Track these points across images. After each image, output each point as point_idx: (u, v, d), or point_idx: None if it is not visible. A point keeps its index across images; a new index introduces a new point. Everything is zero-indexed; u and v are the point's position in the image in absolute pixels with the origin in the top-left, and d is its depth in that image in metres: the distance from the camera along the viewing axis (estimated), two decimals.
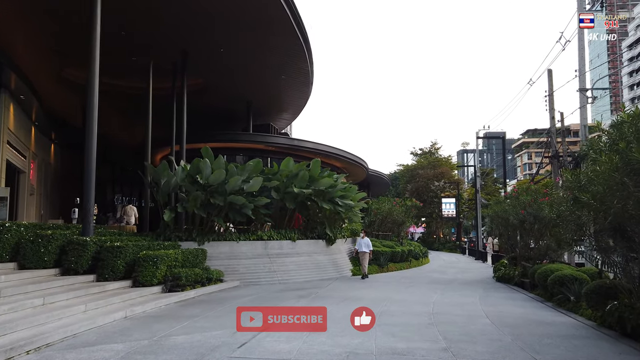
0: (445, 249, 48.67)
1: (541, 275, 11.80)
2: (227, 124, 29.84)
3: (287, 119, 35.82)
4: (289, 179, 17.26)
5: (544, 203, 13.83)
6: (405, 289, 14.76)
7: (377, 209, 25.96)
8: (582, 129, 19.41)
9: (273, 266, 16.11)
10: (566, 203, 8.33)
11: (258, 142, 26.85)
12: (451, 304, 11.44)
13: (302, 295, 12.77)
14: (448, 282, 16.84)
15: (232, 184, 15.15)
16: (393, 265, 21.75)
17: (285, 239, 17.03)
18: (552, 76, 22.66)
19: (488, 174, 65.07)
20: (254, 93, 27.16)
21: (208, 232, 15.73)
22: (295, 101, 30.06)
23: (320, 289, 14.24)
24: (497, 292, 13.87)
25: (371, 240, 22.91)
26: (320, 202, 17.43)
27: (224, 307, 10.66)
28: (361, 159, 34.90)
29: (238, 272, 15.29)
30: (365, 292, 13.53)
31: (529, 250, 15.04)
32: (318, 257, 17.85)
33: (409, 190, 52.79)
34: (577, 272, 10.89)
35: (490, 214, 17.24)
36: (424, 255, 28.51)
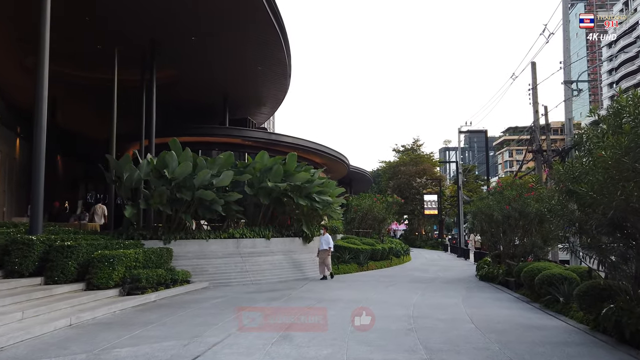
0: (427, 246, 48.23)
1: (527, 274, 11.11)
2: (203, 118, 28.71)
3: (266, 113, 34.80)
4: (263, 173, 16.32)
5: (529, 198, 13.17)
6: (385, 289, 13.97)
7: (357, 205, 25.16)
8: (567, 122, 18.87)
9: (245, 266, 15.17)
10: (558, 196, 7.58)
11: (234, 136, 25.83)
12: (433, 305, 10.66)
13: (274, 297, 11.87)
14: (430, 281, 16.12)
15: (200, 178, 14.15)
16: (373, 263, 20.99)
17: (259, 237, 16.09)
18: (535, 69, 22.11)
19: (470, 170, 64.93)
20: (230, 86, 26.13)
21: (175, 230, 14.71)
22: (274, 94, 29.06)
23: (294, 290, 13.36)
24: (481, 292, 13.17)
25: (351, 238, 22.21)
26: (296, 197, 16.53)
27: (186, 311, 9.71)
28: (342, 154, 34.11)
29: (207, 273, 14.32)
30: (343, 293, 12.70)
31: (514, 247, 14.38)
32: (294, 256, 16.96)
33: (391, 187, 52.18)
34: (566, 271, 10.22)
35: (473, 210, 16.56)
36: (406, 253, 27.84)
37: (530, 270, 11.10)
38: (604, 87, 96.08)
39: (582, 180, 6.77)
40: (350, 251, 19.87)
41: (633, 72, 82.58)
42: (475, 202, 16.83)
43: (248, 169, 16.29)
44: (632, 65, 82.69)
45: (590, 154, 7.08)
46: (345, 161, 35.11)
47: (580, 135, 7.27)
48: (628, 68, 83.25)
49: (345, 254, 19.66)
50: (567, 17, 19.57)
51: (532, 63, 22.37)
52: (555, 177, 7.70)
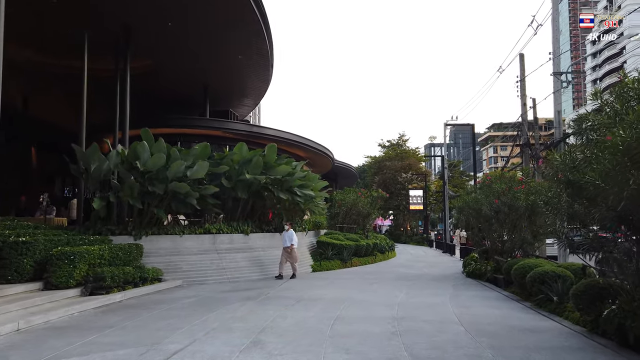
0: (413, 241, 47.85)
1: (518, 271, 10.53)
2: (183, 109, 27.69)
3: (249, 105, 33.88)
4: (241, 165, 15.53)
5: (519, 192, 12.60)
6: (368, 286, 13.32)
7: (341, 200, 24.47)
8: (556, 115, 18.42)
9: (222, 262, 14.38)
10: (556, 187, 6.94)
11: (215, 128, 24.91)
12: (419, 305, 10.03)
13: (250, 296, 11.13)
14: (415, 278, 15.52)
15: (174, 169, 13.32)
16: (357, 260, 20.34)
17: (237, 232, 15.32)
18: (524, 60, 21.63)
19: (455, 165, 64.75)
20: (210, 76, 25.19)
21: (147, 225, 13.86)
22: (256, 85, 28.18)
23: (273, 288, 12.63)
24: (468, 290, 12.58)
25: (335, 234, 21.52)
26: (276, 191, 15.77)
27: (151, 313, 8.92)
28: (327, 148, 33.39)
29: (181, 270, 13.51)
30: (324, 292, 12.01)
31: (502, 243, 13.82)
32: (274, 252, 16.20)
33: (376, 182, 51.65)
34: (559, 269, 9.65)
35: (460, 205, 15.98)
36: (391, 249, 27.25)
37: (521, 268, 10.52)
38: (588, 83, 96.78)
39: (583, 169, 6.15)
40: (333, 247, 19.18)
41: (616, 68, 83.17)
42: (463, 197, 16.25)
43: (225, 160, 15.48)
44: (615, 62, 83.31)
45: (591, 141, 6.47)
46: (329, 155, 34.41)
47: (581, 119, 6.64)
48: (612, 64, 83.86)
49: (328, 250, 18.97)
50: (557, 7, 19.08)
51: (520, 55, 21.88)
52: (551, 167, 7.06)
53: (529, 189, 12.53)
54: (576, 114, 7.14)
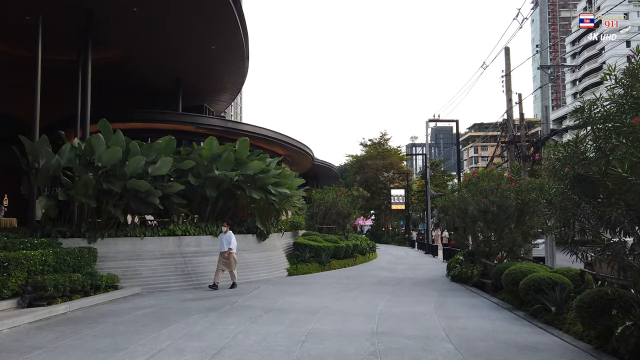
0: (394, 242, 47.05)
1: (510, 277, 9.59)
2: (156, 105, 26.28)
3: (225, 100, 32.58)
4: (210, 161, 14.31)
5: (509, 190, 11.69)
6: (347, 293, 12.26)
7: (319, 199, 23.39)
8: (544, 110, 17.62)
9: (188, 267, 13.16)
10: (562, 184, 5.96)
11: (187, 122, 23.56)
12: (401, 316, 9.00)
13: (214, 306, 9.97)
14: (397, 283, 14.52)
15: (133, 165, 12.06)
16: (336, 262, 19.28)
17: (205, 234, 14.11)
18: (509, 54, 20.83)
19: (437, 165, 64.34)
20: (182, 68, 23.91)
21: (104, 226, 12.57)
22: (232, 79, 26.93)
23: (242, 295, 11.48)
24: (455, 297, 11.62)
25: (313, 235, 20.42)
26: (248, 189, 14.61)
27: (94, 329, 7.70)
28: (306, 146, 32.27)
29: (141, 276, 12.26)
30: (297, 300, 10.91)
31: (490, 245, 12.91)
32: (246, 255, 15.04)
33: (357, 182, 50.74)
34: (556, 275, 8.73)
35: (445, 204, 15.06)
36: (372, 250, 26.29)
37: (513, 274, 9.57)
38: (567, 84, 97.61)
39: (596, 162, 5.17)
40: (310, 249, 18.09)
41: (595, 69, 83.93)
42: (448, 195, 15.32)
43: (193, 155, 14.25)
44: (594, 62, 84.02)
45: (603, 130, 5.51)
46: (309, 153, 33.31)
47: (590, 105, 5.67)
48: (591, 65, 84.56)
49: (305, 252, 17.87)
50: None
51: (505, 48, 21.08)
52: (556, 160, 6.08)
53: (519, 187, 11.64)
54: (574, 106, 6.21)
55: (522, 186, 11.70)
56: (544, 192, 6.42)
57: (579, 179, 5.48)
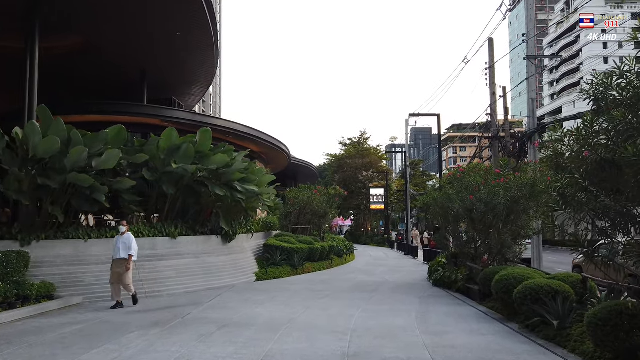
0: (373, 242, 45.98)
1: (501, 284, 8.40)
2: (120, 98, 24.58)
3: (197, 94, 30.99)
4: (168, 154, 12.84)
5: (498, 186, 10.53)
6: (318, 301, 10.94)
7: (293, 197, 22.04)
8: (530, 103, 16.58)
9: (140, 273, 11.65)
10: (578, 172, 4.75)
11: (151, 115, 21.91)
12: (378, 331, 7.72)
13: (162, 319, 8.55)
14: (375, 288, 13.27)
15: (74, 157, 10.53)
16: (310, 265, 17.95)
17: (161, 235, 12.63)
18: (493, 46, 19.83)
19: (417, 164, 63.65)
20: (147, 58, 22.36)
21: (41, 227, 10.99)
22: (202, 69, 25.39)
23: (199, 305, 10.06)
24: (438, 305, 10.40)
25: (286, 236, 19.04)
26: (211, 185, 13.17)
27: (1, 354, 6.22)
28: (282, 142, 30.88)
29: (83, 284, 10.74)
30: (261, 310, 9.54)
31: (476, 246, 11.75)
32: (209, 259, 13.61)
33: (336, 181, 49.54)
34: (555, 282, 7.56)
35: (427, 202, 13.89)
36: (349, 252, 25.07)
37: (505, 280, 8.39)
38: (545, 85, 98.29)
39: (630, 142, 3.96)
40: (282, 251, 16.73)
41: (573, 70, 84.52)
42: (430, 193, 14.14)
43: (148, 148, 12.76)
44: (572, 63, 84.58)
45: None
46: (285, 150, 31.93)
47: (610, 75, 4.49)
48: (569, 66, 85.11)
49: (276, 254, 16.50)
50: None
51: (489, 39, 20.07)
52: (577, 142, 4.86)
53: (508, 183, 10.49)
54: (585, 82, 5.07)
55: (511, 182, 10.56)
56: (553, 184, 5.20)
57: (601, 165, 4.27)
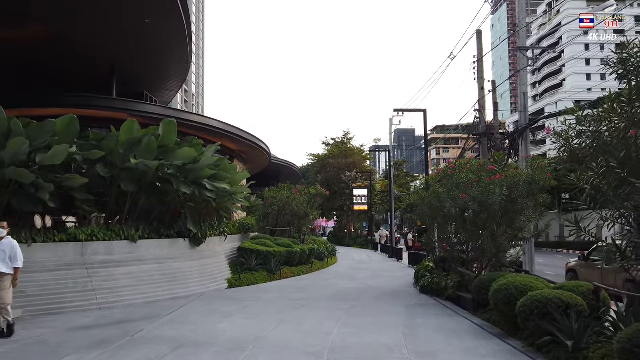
0: (356, 244, 44.92)
1: (501, 295, 7.33)
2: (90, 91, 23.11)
3: (172, 88, 29.60)
4: (128, 148, 11.51)
5: (493, 183, 9.48)
6: (293, 312, 9.76)
7: (272, 197, 20.80)
8: (522, 97, 15.68)
9: (93, 282, 10.33)
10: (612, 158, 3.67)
11: (119, 109, 20.44)
12: (359, 350, 6.59)
13: (107, 338, 7.28)
14: (357, 297, 12.12)
15: (12, 150, 9.19)
16: (289, 269, 16.74)
17: (119, 239, 11.29)
18: (481, 38, 18.92)
19: (400, 164, 62.90)
20: (115, 48, 20.96)
21: None
22: (175, 62, 24.08)
23: (156, 319, 8.79)
24: (427, 316, 9.29)
25: (263, 239, 17.80)
26: (176, 183, 11.88)
27: None
28: (261, 140, 29.56)
29: (24, 295, 9.35)
30: (226, 325, 8.32)
31: (468, 250, 10.69)
32: (175, 265, 12.32)
33: (319, 181, 48.38)
34: (566, 294, 6.49)
35: (414, 202, 12.81)
36: (331, 254, 23.91)
37: (505, 289, 7.31)
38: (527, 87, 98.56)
39: None
40: (258, 255, 15.49)
41: (555, 72, 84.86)
42: (419, 192, 13.07)
43: (106, 142, 11.42)
44: (554, 65, 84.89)
45: None
46: (265, 149, 30.65)
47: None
48: (551, 68, 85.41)
49: (251, 258, 15.26)
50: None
51: (477, 31, 19.15)
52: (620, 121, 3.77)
53: (505, 180, 9.45)
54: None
55: (508, 179, 9.53)
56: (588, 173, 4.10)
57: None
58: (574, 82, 76.75)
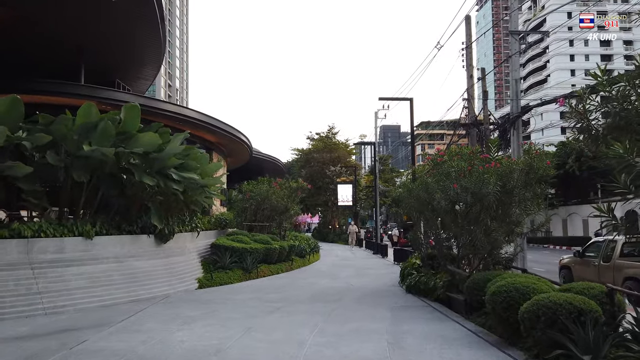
0: (341, 240, 43.97)
1: (499, 298, 6.37)
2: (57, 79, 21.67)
3: (146, 77, 28.19)
4: (82, 134, 10.30)
5: (488, 172, 8.52)
6: (265, 317, 8.70)
7: (250, 191, 19.66)
8: (513, 84, 14.80)
9: (39, 283, 9.14)
10: None
11: (86, 96, 18.88)
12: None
13: (39, 352, 6.16)
14: (338, 298, 11.11)
15: None
16: (267, 267, 15.68)
17: (72, 235, 10.08)
18: (470, 23, 17.99)
19: (386, 159, 62.17)
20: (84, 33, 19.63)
21: None
22: (147, 47, 22.76)
23: (105, 327, 7.66)
24: (415, 321, 8.30)
25: (239, 235, 16.69)
26: (138, 173, 10.71)
27: None
28: (242, 133, 28.31)
29: None
30: (184, 335, 7.23)
31: (459, 246, 9.73)
32: (137, 263, 11.15)
33: (303, 176, 47.30)
34: (576, 297, 5.54)
35: (400, 195, 11.82)
36: (314, 251, 22.88)
37: (505, 292, 6.34)
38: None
39: None
40: (233, 252, 14.41)
41: (540, 68, 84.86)
42: (406, 184, 12.09)
43: (57, 126, 10.18)
44: (538, 61, 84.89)
45: None
46: (246, 142, 29.41)
47: None
48: (535, 64, 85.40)
49: (225, 256, 14.16)
50: None
51: (466, 17, 18.20)
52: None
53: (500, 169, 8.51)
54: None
55: (504, 167, 8.59)
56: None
57: None
58: (559, 78, 76.72)
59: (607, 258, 11.76)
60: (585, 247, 13.22)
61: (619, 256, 11.45)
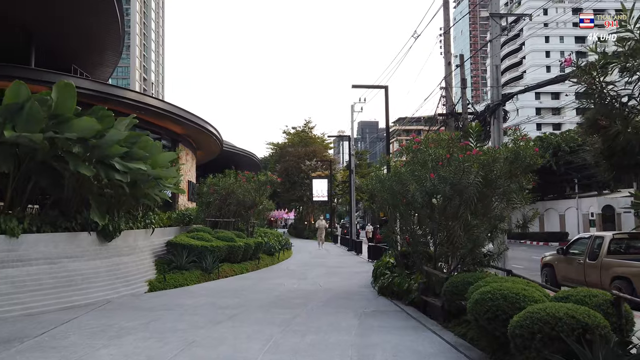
0: (316, 237, 42.94)
1: (485, 308, 5.34)
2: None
3: (107, 64, 26.55)
4: (7, 117, 8.91)
5: (468, 160, 7.49)
6: (213, 327, 7.51)
7: (214, 185, 18.37)
8: (494, 70, 13.87)
9: None
10: None
11: (37, 81, 17.25)
12: None
13: None
14: (303, 302, 9.97)
15: None
16: (229, 267, 14.47)
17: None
18: (448, 8, 17.02)
19: (363, 154, 61.34)
20: (33, 12, 18.00)
21: None
22: (104, 29, 21.19)
23: (18, 341, 6.37)
24: (385, 331, 7.23)
25: (201, 232, 15.43)
26: (73, 162, 9.36)
27: None
28: (211, 124, 26.86)
29: None
30: (110, 353, 5.99)
31: (436, 243, 8.70)
32: (73, 265, 9.80)
33: (277, 171, 46.06)
34: (580, 309, 4.52)
35: (373, 187, 10.74)
36: (285, 248, 21.75)
37: (491, 301, 5.30)
38: (488, 78, 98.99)
39: None
40: (190, 251, 13.16)
41: (516, 64, 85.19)
42: (378, 175, 11.01)
43: None
44: (514, 57, 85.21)
45: None
46: (215, 133, 27.98)
47: None
48: (512, 60, 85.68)
49: (182, 255, 12.90)
50: None
51: (444, 1, 17.24)
52: None
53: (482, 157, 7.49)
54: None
55: (487, 155, 7.58)
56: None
57: None
58: (534, 75, 77.09)
59: (594, 256, 10.95)
60: (569, 244, 12.42)
61: (606, 254, 10.64)
